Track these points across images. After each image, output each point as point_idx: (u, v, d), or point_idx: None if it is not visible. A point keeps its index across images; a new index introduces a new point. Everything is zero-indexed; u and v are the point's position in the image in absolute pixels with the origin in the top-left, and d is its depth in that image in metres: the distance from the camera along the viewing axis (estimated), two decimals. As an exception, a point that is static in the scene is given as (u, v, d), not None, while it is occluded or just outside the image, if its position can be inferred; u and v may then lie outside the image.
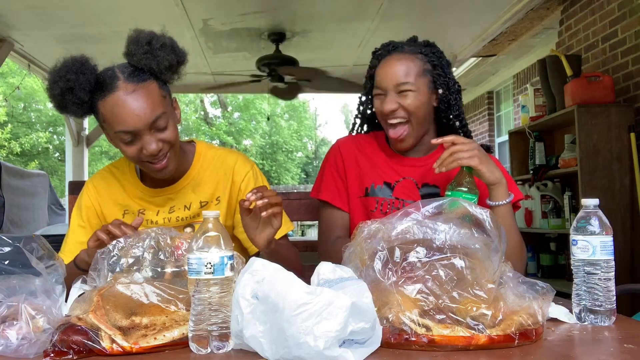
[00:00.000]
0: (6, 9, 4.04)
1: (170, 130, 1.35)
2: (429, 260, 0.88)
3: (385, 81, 1.48)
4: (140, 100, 1.29)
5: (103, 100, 1.30)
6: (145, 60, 1.32)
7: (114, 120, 1.30)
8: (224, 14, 4.33)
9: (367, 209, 1.55)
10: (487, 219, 0.95)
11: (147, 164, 1.37)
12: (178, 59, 1.36)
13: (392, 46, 1.53)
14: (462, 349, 0.83)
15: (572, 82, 3.40)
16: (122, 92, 1.29)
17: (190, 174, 1.50)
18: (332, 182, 1.59)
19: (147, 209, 1.49)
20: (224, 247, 0.88)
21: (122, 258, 1.01)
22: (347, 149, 1.62)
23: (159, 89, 1.35)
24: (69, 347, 0.83)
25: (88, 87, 1.30)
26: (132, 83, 1.30)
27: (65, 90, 1.29)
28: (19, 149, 14.72)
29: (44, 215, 5.17)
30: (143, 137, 1.31)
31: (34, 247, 1.01)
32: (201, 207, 1.49)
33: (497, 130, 7.26)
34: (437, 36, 1.78)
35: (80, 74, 1.29)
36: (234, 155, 1.56)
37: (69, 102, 1.31)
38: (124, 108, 1.29)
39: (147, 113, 1.30)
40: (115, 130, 1.31)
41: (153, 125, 1.31)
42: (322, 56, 5.30)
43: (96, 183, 1.53)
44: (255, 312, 0.81)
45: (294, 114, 20.73)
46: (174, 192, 1.49)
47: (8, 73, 13.76)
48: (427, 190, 1.55)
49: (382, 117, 1.51)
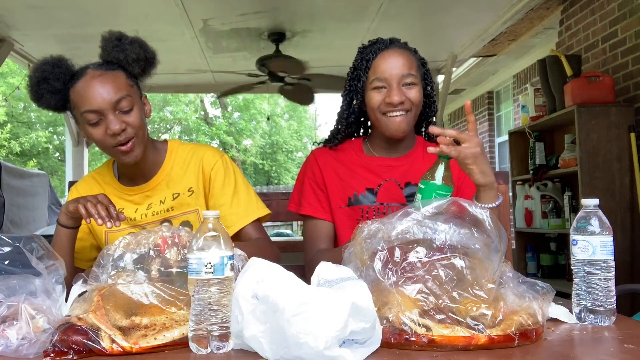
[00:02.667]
0: (6, 9, 4.04)
1: (135, 114, 1.42)
2: (429, 260, 0.88)
3: (389, 72, 1.46)
4: (106, 82, 1.39)
5: (73, 87, 1.41)
6: (114, 53, 1.43)
7: (80, 101, 1.39)
8: (224, 14, 4.33)
9: (352, 218, 1.54)
10: (487, 219, 0.95)
11: (114, 149, 1.42)
12: (146, 54, 1.46)
13: (388, 41, 1.52)
14: (462, 349, 0.83)
15: (572, 82, 3.40)
16: (90, 76, 1.40)
17: (163, 170, 1.56)
18: (312, 194, 1.58)
19: (125, 207, 1.54)
20: (224, 247, 0.88)
21: (127, 253, 1.01)
22: (323, 160, 1.60)
23: (126, 78, 1.44)
24: (69, 347, 0.83)
25: (62, 78, 1.41)
26: (100, 70, 1.41)
27: (41, 79, 1.40)
28: (19, 149, 14.72)
29: (44, 215, 5.16)
30: (107, 117, 1.38)
31: (34, 247, 1.01)
32: (173, 199, 1.54)
33: (497, 130, 7.26)
34: (437, 36, 1.78)
35: (56, 67, 1.41)
36: (204, 147, 1.62)
37: (44, 91, 1.41)
38: (90, 89, 1.38)
39: (111, 93, 1.38)
40: (81, 110, 1.39)
41: (117, 105, 1.39)
42: (322, 56, 5.30)
43: (79, 187, 1.61)
44: (255, 312, 0.81)
45: (294, 114, 20.71)
46: (150, 189, 1.55)
47: (8, 73, 13.75)
48: (411, 189, 1.53)
49: (386, 108, 1.47)
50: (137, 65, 1.45)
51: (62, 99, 1.43)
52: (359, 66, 1.52)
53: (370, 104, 1.49)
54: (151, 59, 1.48)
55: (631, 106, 3.35)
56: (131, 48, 1.44)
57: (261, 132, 19.59)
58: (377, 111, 1.49)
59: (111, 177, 1.59)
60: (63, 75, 1.41)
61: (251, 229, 1.56)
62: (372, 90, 1.49)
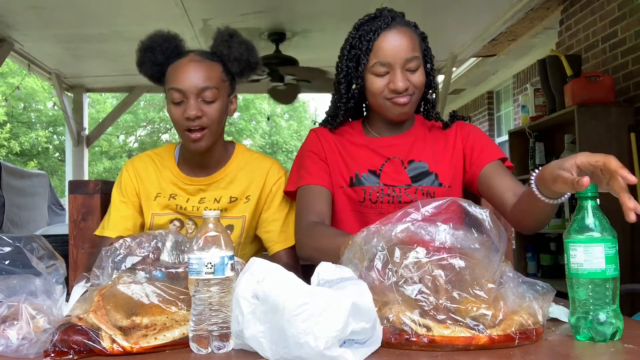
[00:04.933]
0: (6, 9, 4.04)
1: (215, 107, 1.45)
2: (429, 261, 0.88)
3: (392, 56, 1.39)
4: (200, 69, 1.44)
5: (173, 64, 1.47)
6: (221, 46, 1.49)
7: (172, 77, 1.45)
8: (224, 14, 4.33)
9: (354, 200, 1.48)
10: (487, 219, 0.95)
11: (184, 133, 1.46)
12: (250, 58, 1.50)
13: (389, 17, 1.42)
14: (462, 349, 0.83)
15: (572, 82, 3.40)
16: (189, 59, 1.46)
17: (225, 170, 1.57)
18: (313, 165, 1.50)
19: (178, 195, 1.56)
20: (225, 247, 0.88)
21: (128, 257, 1.01)
22: (324, 137, 1.54)
23: (222, 72, 1.48)
24: (69, 347, 0.83)
25: (167, 52, 1.47)
26: (201, 57, 1.47)
27: (148, 47, 1.48)
28: (19, 149, 14.71)
29: (44, 215, 5.16)
30: (189, 100, 1.43)
31: (34, 247, 1.01)
32: (230, 202, 1.55)
33: (497, 130, 7.26)
34: (437, 36, 1.78)
35: (166, 41, 1.48)
36: (270, 160, 1.64)
37: (147, 59, 1.48)
38: (184, 69, 1.44)
39: (200, 80, 1.43)
40: (169, 87, 1.45)
41: (201, 93, 1.43)
42: (322, 56, 5.29)
43: (135, 164, 1.62)
44: (255, 312, 0.81)
45: (294, 114, 20.71)
46: (206, 184, 1.56)
47: (8, 73, 13.75)
48: (414, 166, 1.49)
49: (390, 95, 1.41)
50: (237, 64, 1.49)
51: (160, 71, 1.49)
52: (357, 46, 1.43)
53: (372, 89, 1.42)
54: (254, 64, 1.52)
55: (631, 106, 3.35)
56: (237, 47, 1.48)
57: (261, 132, 19.59)
58: (380, 97, 1.42)
59: (171, 161, 1.60)
60: (169, 51, 1.47)
61: (288, 254, 1.54)
62: (373, 75, 1.41)
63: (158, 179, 1.58)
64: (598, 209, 0.92)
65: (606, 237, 0.90)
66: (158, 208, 1.55)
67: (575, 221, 0.92)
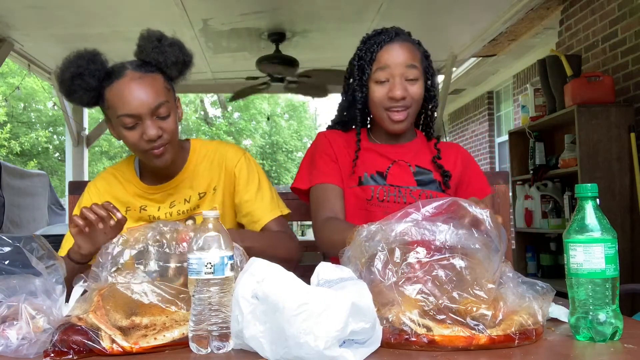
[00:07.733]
0: (6, 9, 4.04)
1: (171, 120, 1.41)
2: (429, 261, 0.88)
3: (392, 64, 1.47)
4: (146, 86, 1.37)
5: (110, 86, 1.37)
6: (154, 54, 1.40)
7: (118, 103, 1.36)
8: (224, 14, 4.33)
9: (362, 198, 1.52)
10: (487, 219, 0.95)
11: (146, 152, 1.41)
12: (184, 57, 1.44)
13: (393, 33, 1.51)
14: (462, 349, 0.83)
15: (572, 82, 3.40)
16: (129, 78, 1.37)
17: (186, 169, 1.54)
18: (324, 165, 1.55)
19: (147, 206, 1.53)
20: (224, 247, 0.88)
21: (125, 250, 1.01)
22: (334, 139, 1.60)
23: (164, 82, 1.42)
24: (69, 347, 0.83)
25: (97, 74, 1.37)
26: (139, 72, 1.38)
27: (76, 75, 1.36)
28: (19, 149, 14.72)
29: (44, 215, 5.17)
30: (144, 122, 1.37)
31: (34, 247, 1.01)
32: (200, 198, 1.53)
33: (497, 130, 7.27)
34: (437, 36, 1.78)
35: (91, 62, 1.38)
36: (226, 145, 1.61)
37: (78, 88, 1.37)
38: (129, 92, 1.36)
39: (150, 99, 1.36)
40: (118, 114, 1.37)
41: (155, 111, 1.37)
42: (322, 56, 5.30)
43: (97, 184, 1.57)
44: (255, 312, 0.81)
45: (294, 114, 20.72)
46: (172, 188, 1.53)
47: (8, 73, 13.75)
48: (420, 171, 1.55)
49: (389, 104, 1.48)
50: (175, 68, 1.43)
51: (95, 96, 1.40)
52: (363, 57, 1.52)
53: (373, 97, 1.50)
54: (188, 61, 1.46)
55: (631, 106, 3.35)
56: (171, 50, 1.41)
57: (261, 132, 19.60)
58: (380, 106, 1.50)
59: (132, 174, 1.56)
60: (98, 72, 1.38)
61: (276, 225, 1.54)
62: (374, 84, 1.49)
63: (123, 193, 1.55)
64: (598, 209, 0.92)
65: (606, 237, 0.90)
66: (131, 221, 1.50)
67: (575, 221, 0.92)
